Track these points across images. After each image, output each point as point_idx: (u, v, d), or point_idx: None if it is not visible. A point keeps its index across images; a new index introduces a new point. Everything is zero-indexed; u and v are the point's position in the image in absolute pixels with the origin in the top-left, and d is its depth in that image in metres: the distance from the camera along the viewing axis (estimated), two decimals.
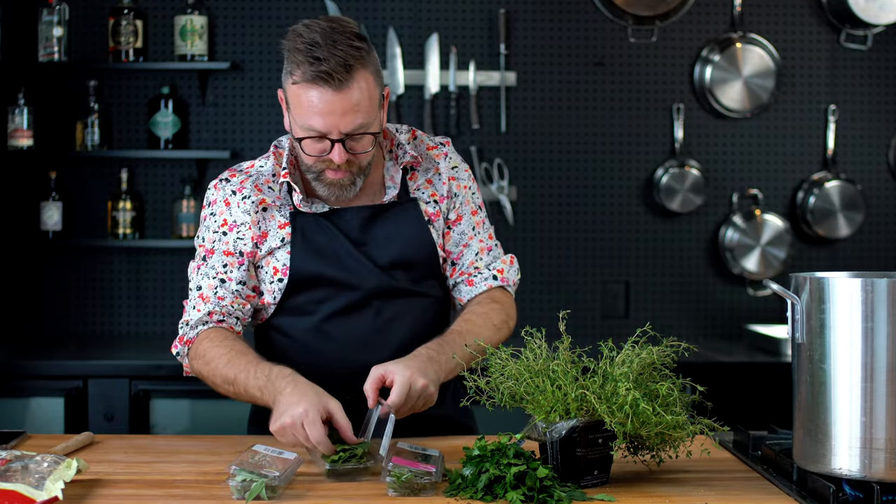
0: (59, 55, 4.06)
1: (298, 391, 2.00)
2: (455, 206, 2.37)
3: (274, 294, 2.27)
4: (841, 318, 1.76)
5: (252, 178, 2.29)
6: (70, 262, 4.20)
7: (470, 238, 2.37)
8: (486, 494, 1.76)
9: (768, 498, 1.81)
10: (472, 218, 2.38)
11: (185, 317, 2.27)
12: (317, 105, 2.10)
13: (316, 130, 2.12)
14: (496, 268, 2.38)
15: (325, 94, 2.09)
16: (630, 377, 1.82)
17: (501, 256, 2.41)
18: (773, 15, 4.28)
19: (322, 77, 2.08)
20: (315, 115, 2.11)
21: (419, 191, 2.34)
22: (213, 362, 2.17)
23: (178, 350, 2.26)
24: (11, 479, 1.71)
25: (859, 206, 4.24)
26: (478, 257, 2.37)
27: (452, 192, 2.36)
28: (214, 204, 2.30)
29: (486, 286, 2.36)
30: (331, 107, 2.10)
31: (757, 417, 2.86)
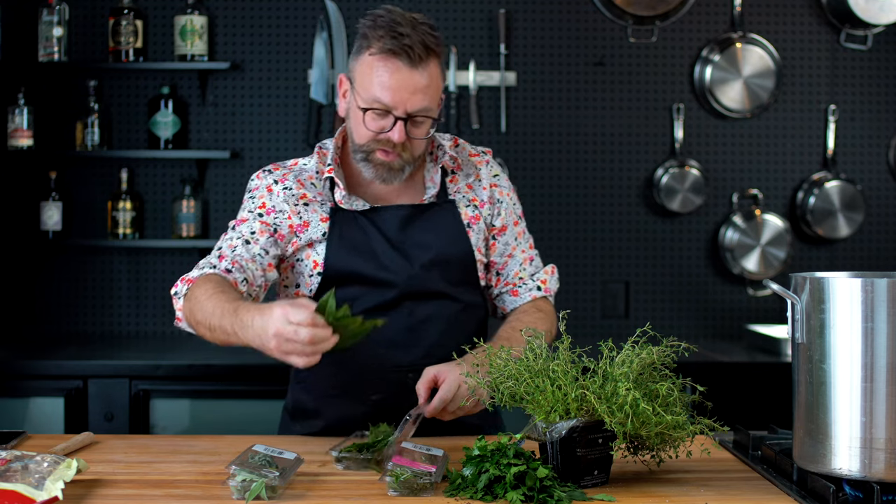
0: (59, 55, 4.06)
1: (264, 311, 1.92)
2: (499, 214, 2.39)
3: (311, 287, 2.28)
4: (841, 318, 1.76)
5: (294, 172, 2.31)
6: (70, 262, 4.21)
7: (514, 249, 2.40)
8: (486, 494, 1.76)
9: (768, 498, 1.81)
10: (515, 228, 2.41)
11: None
12: (389, 79, 2.13)
13: (382, 104, 2.15)
14: (539, 278, 2.41)
15: (400, 68, 2.13)
16: (630, 377, 1.82)
17: (543, 267, 2.44)
18: (773, 15, 4.28)
19: (403, 50, 2.12)
20: (385, 88, 2.13)
21: (459, 194, 2.36)
22: (199, 303, 2.08)
23: (176, 290, 2.17)
24: (11, 479, 1.71)
25: (859, 206, 4.24)
26: (522, 268, 2.40)
27: (495, 197, 2.39)
28: (256, 190, 2.31)
29: (530, 297, 2.39)
30: (403, 83, 2.13)
31: (757, 417, 2.86)
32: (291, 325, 1.84)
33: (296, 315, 1.84)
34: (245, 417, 3.61)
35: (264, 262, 2.22)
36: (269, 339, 1.87)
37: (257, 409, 3.62)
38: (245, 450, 1.87)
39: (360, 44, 2.19)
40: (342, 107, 2.27)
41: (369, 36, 2.16)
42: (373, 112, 2.16)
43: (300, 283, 2.30)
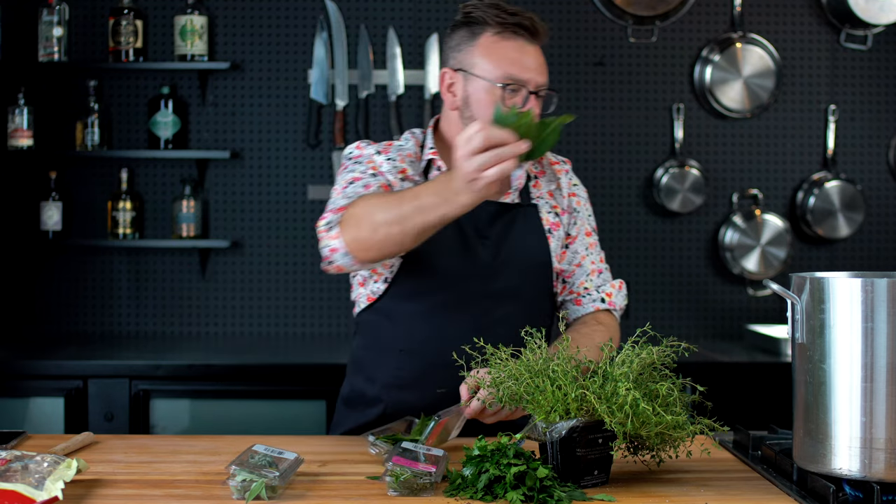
0: (59, 55, 4.06)
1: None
2: (574, 223, 2.41)
3: (391, 268, 2.28)
4: (841, 318, 1.76)
5: (395, 148, 2.34)
6: (70, 262, 4.21)
7: (583, 258, 2.41)
8: (486, 494, 1.76)
9: (768, 498, 1.81)
10: (586, 238, 2.43)
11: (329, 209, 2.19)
12: (517, 53, 2.22)
13: (515, 78, 2.21)
14: (605, 291, 2.41)
15: (523, 45, 2.23)
16: (630, 377, 1.82)
17: (611, 280, 2.44)
18: (773, 15, 4.28)
19: (523, 26, 2.22)
20: (515, 63, 2.21)
21: (542, 199, 2.39)
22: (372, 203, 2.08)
23: (328, 219, 2.14)
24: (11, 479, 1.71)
25: (859, 206, 4.24)
26: (588, 278, 2.41)
27: (573, 206, 2.41)
28: (360, 156, 2.31)
29: (593, 307, 2.40)
30: (528, 57, 2.23)
31: (757, 417, 2.86)
32: (467, 144, 1.87)
33: (466, 132, 1.88)
34: (245, 417, 3.61)
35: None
36: (459, 172, 1.90)
37: (257, 409, 3.63)
38: (245, 450, 1.87)
39: (472, 30, 2.26)
40: (451, 101, 2.31)
41: (481, 20, 2.24)
42: (507, 89, 2.22)
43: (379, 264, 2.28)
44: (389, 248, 2.08)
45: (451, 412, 2.07)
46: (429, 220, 2.02)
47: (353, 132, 4.21)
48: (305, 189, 4.23)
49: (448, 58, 2.32)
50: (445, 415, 2.07)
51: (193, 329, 4.23)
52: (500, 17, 2.22)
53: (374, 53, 4.20)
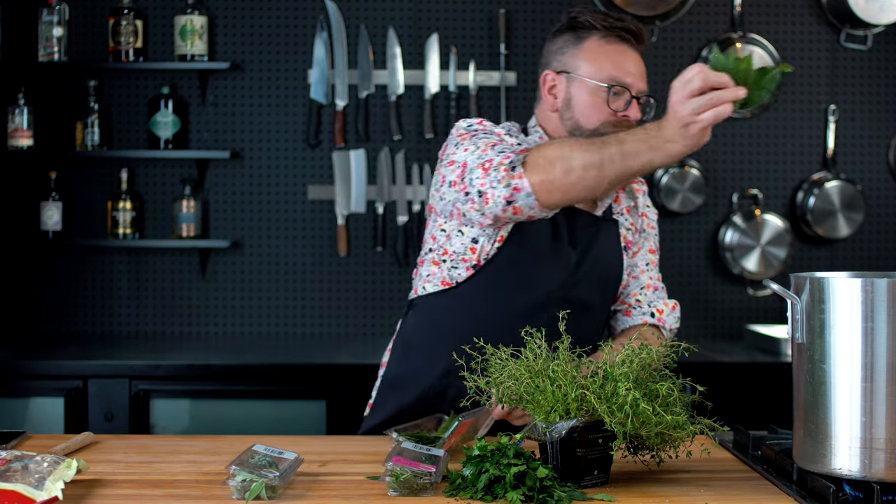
0: (59, 55, 4.06)
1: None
2: (638, 241, 2.44)
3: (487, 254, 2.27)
4: (841, 318, 1.76)
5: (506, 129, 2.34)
6: (70, 262, 4.21)
7: (641, 272, 2.44)
8: (486, 494, 1.76)
9: (768, 498, 1.81)
10: (648, 255, 2.46)
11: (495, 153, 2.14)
12: (623, 58, 2.27)
13: (619, 81, 2.26)
14: (656, 307, 2.43)
15: (628, 49, 2.28)
16: (630, 377, 1.82)
17: (665, 299, 2.47)
18: (773, 15, 4.28)
19: (629, 31, 2.26)
20: (623, 67, 2.26)
21: (621, 215, 2.41)
22: (568, 145, 2.07)
23: (511, 160, 2.10)
24: (11, 479, 1.71)
25: (859, 206, 4.24)
26: (642, 291, 2.43)
27: (643, 227, 2.45)
28: (485, 130, 2.27)
29: (641, 320, 2.42)
30: (632, 62, 2.29)
31: (757, 417, 2.86)
32: (685, 87, 1.90)
33: (684, 75, 1.91)
34: (245, 417, 3.61)
35: None
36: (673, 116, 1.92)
37: (257, 409, 3.63)
38: (245, 450, 1.87)
39: (577, 34, 2.30)
40: (552, 102, 2.34)
41: (588, 25, 2.28)
42: (611, 92, 2.25)
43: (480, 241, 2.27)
44: (579, 192, 2.06)
45: (479, 412, 2.07)
46: (632, 166, 2.00)
47: (353, 132, 4.21)
48: (305, 189, 4.23)
49: (550, 61, 2.36)
50: (472, 415, 2.07)
51: (193, 329, 4.23)
52: (607, 22, 2.28)
53: (374, 53, 4.20)
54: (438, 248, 2.36)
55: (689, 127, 1.92)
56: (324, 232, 4.24)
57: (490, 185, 2.11)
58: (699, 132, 1.93)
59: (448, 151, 2.28)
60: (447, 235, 2.33)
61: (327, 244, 4.24)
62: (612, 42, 2.29)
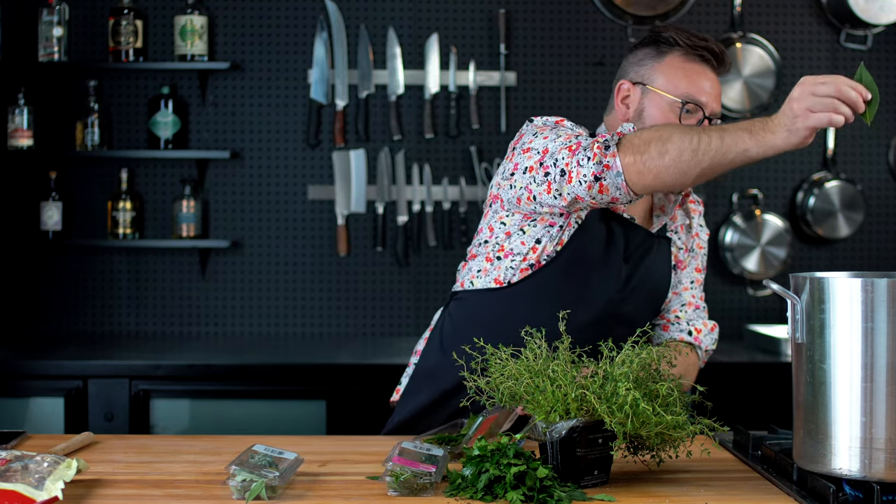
0: (59, 55, 4.06)
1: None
2: (686, 260, 2.44)
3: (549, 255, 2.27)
4: (841, 318, 1.75)
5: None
6: (70, 262, 4.21)
7: (684, 289, 2.44)
8: (486, 494, 1.76)
9: (768, 498, 1.81)
10: (694, 273, 2.46)
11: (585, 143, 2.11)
12: (703, 78, 2.26)
13: (695, 100, 2.25)
14: (695, 325, 2.43)
15: (709, 71, 2.28)
16: (630, 377, 1.82)
17: (704, 319, 2.46)
18: (773, 15, 4.28)
19: (711, 52, 2.26)
20: (700, 87, 2.25)
21: (675, 233, 2.41)
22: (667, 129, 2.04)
23: (605, 139, 2.06)
24: (11, 479, 1.71)
25: (859, 206, 4.24)
26: (683, 308, 2.43)
27: (693, 247, 2.45)
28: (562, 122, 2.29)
29: (678, 337, 2.42)
30: (709, 83, 2.28)
31: (757, 417, 2.86)
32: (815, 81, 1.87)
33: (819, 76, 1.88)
34: (245, 417, 3.61)
35: None
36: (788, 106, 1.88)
37: (257, 409, 3.63)
38: (245, 450, 1.87)
39: (659, 48, 2.30)
40: (623, 112, 2.35)
41: (672, 41, 2.28)
42: (685, 108, 2.25)
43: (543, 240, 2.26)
44: (671, 175, 2.01)
45: (498, 409, 2.06)
46: (728, 153, 1.96)
47: (353, 132, 4.21)
48: (305, 189, 4.23)
49: (627, 71, 2.38)
50: (494, 412, 2.06)
51: (193, 329, 4.23)
52: (691, 41, 2.28)
53: (374, 53, 4.20)
54: (495, 243, 2.32)
55: (798, 120, 1.88)
56: (324, 232, 4.24)
57: (577, 164, 2.07)
58: (805, 130, 1.88)
59: (524, 140, 2.24)
60: (507, 232, 2.30)
61: (327, 244, 4.24)
62: (692, 61, 2.29)
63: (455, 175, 4.22)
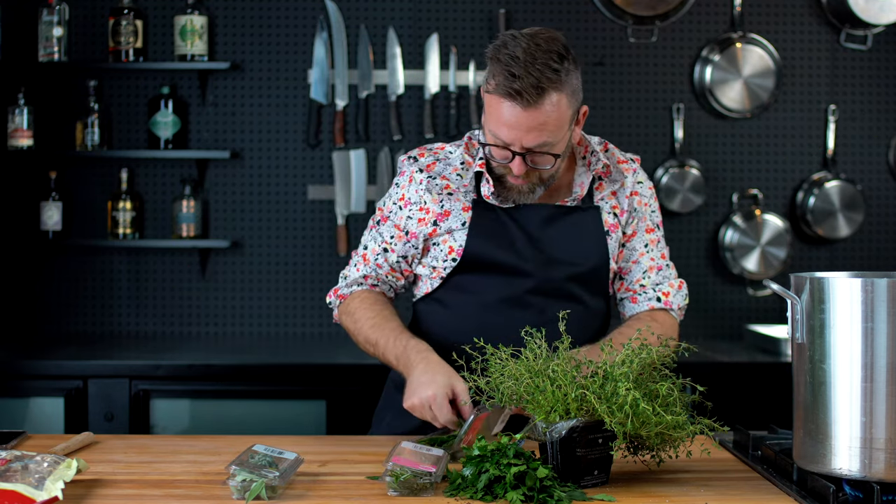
0: (59, 55, 4.06)
1: (430, 370, 2.14)
2: (632, 221, 2.41)
3: (444, 270, 2.36)
4: (841, 318, 1.76)
5: (441, 161, 2.38)
6: (70, 262, 4.21)
7: (640, 255, 2.41)
8: (486, 494, 1.76)
9: (768, 498, 1.81)
10: (646, 235, 2.42)
11: (346, 270, 2.48)
12: (505, 117, 2.17)
13: (501, 140, 2.20)
14: (662, 290, 2.41)
15: (514, 109, 2.15)
16: (630, 377, 1.82)
17: (671, 280, 2.43)
18: (773, 15, 4.28)
19: (512, 93, 2.14)
20: (502, 125, 2.18)
21: (603, 200, 2.39)
22: (360, 322, 2.37)
23: (330, 301, 2.48)
24: (11, 479, 1.71)
25: (859, 206, 4.24)
26: (646, 275, 2.41)
27: (633, 206, 2.41)
28: (402, 177, 2.41)
29: (648, 306, 2.41)
30: (517, 122, 2.16)
31: (757, 417, 2.86)
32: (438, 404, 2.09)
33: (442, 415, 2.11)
34: (245, 417, 3.61)
35: (402, 267, 2.42)
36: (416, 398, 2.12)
37: (257, 409, 3.63)
38: (245, 450, 1.87)
39: (487, 72, 2.21)
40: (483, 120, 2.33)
41: (490, 70, 2.19)
42: (495, 146, 2.22)
43: (434, 265, 2.37)
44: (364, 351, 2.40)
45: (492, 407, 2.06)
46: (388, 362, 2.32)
47: (353, 132, 4.21)
48: (305, 189, 4.23)
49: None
50: (484, 410, 2.06)
51: (193, 329, 4.23)
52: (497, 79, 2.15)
53: (374, 53, 4.20)
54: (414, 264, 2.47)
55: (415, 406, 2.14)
56: (324, 232, 4.24)
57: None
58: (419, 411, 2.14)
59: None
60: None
61: (327, 244, 4.24)
62: (500, 99, 2.15)
63: None
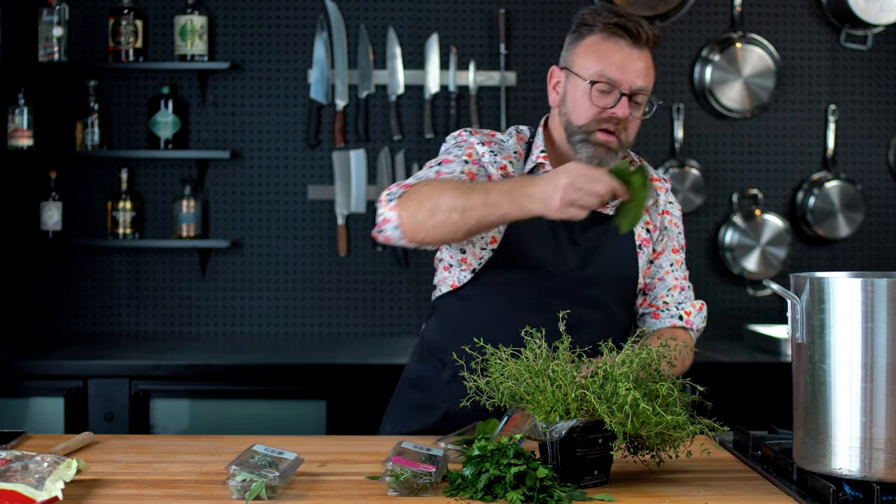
0: (59, 55, 4.06)
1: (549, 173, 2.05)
2: (662, 240, 2.43)
3: (478, 261, 2.31)
4: (841, 318, 1.76)
5: (496, 143, 2.37)
6: (70, 262, 4.21)
7: (666, 273, 2.43)
8: (486, 494, 1.76)
9: (768, 498, 1.81)
10: (672, 255, 2.45)
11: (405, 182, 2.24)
12: (615, 55, 2.24)
13: (608, 79, 2.24)
14: (684, 309, 2.43)
15: (624, 46, 2.24)
16: (630, 377, 1.82)
17: (692, 300, 2.46)
18: (773, 15, 4.28)
19: (626, 28, 2.24)
20: (611, 64, 2.24)
21: None
22: (440, 188, 2.13)
23: (392, 191, 2.19)
24: (11, 479, 1.71)
25: (859, 206, 4.24)
26: (669, 293, 2.43)
27: (664, 225, 2.43)
28: (462, 142, 2.34)
29: (669, 323, 2.42)
30: (627, 59, 2.24)
31: (757, 417, 2.86)
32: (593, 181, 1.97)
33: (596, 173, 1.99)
34: (245, 417, 3.61)
35: None
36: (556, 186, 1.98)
37: (257, 409, 3.63)
38: (245, 450, 1.87)
39: (580, 31, 2.29)
40: (553, 98, 2.36)
41: (589, 22, 2.27)
42: (598, 88, 2.24)
43: (467, 250, 2.33)
44: (442, 233, 2.13)
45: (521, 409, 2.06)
46: (491, 216, 2.08)
47: (353, 132, 4.21)
48: (305, 189, 4.23)
49: (560, 58, 2.37)
50: (515, 412, 2.06)
51: (193, 329, 4.23)
52: (606, 20, 2.26)
53: (374, 53, 4.20)
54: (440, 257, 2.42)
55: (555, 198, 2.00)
56: (324, 232, 4.24)
57: (377, 210, 2.22)
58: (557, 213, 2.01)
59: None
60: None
61: (327, 244, 4.24)
62: (608, 39, 2.26)
63: None
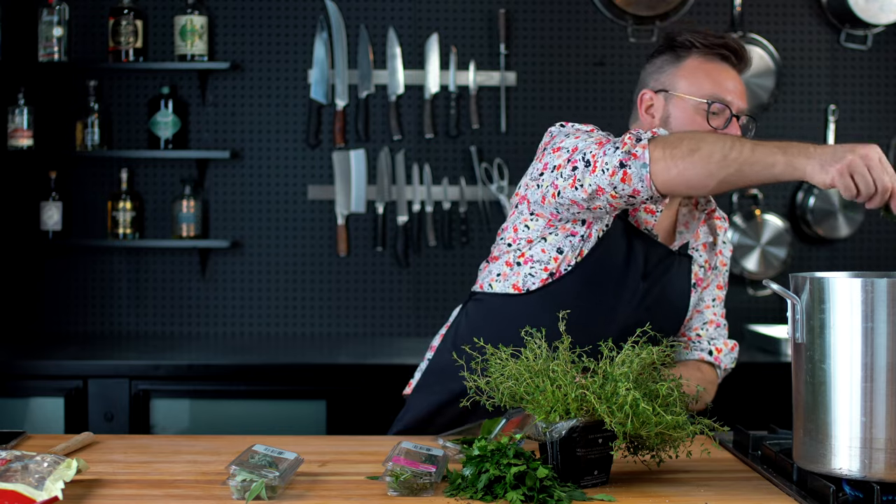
0: (59, 55, 4.06)
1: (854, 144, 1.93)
2: (709, 277, 2.43)
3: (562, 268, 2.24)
4: (841, 318, 1.75)
5: None
6: (70, 262, 4.21)
7: (706, 307, 2.43)
8: (486, 494, 1.76)
9: (768, 498, 1.81)
10: (716, 291, 2.45)
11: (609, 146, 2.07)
12: (724, 76, 2.25)
13: (721, 99, 2.24)
14: (715, 345, 2.43)
15: (729, 68, 2.27)
16: (630, 377, 1.82)
17: (725, 338, 2.46)
18: (773, 15, 4.28)
19: (731, 49, 2.25)
20: (723, 85, 2.24)
21: (696, 251, 2.38)
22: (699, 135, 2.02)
23: (639, 132, 2.06)
24: (11, 479, 1.70)
25: (859, 206, 4.23)
26: (704, 327, 2.43)
27: (717, 265, 2.43)
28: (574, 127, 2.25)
29: (698, 356, 2.42)
30: (733, 81, 2.27)
31: (757, 417, 2.86)
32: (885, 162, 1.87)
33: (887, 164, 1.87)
34: (245, 417, 3.61)
35: None
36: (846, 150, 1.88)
37: (257, 409, 3.63)
38: (245, 450, 1.87)
39: (677, 54, 2.29)
40: (649, 121, 2.30)
41: (688, 44, 2.27)
42: (711, 109, 2.24)
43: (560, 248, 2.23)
44: (696, 174, 1.96)
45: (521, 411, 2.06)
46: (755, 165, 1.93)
47: (353, 132, 4.21)
48: (305, 189, 4.23)
49: (647, 81, 2.33)
50: (516, 414, 2.06)
51: (193, 329, 4.23)
52: (707, 41, 2.26)
53: (374, 53, 4.20)
54: (517, 248, 2.30)
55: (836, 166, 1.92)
56: (324, 232, 4.24)
57: (603, 153, 2.04)
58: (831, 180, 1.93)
59: (555, 142, 2.22)
60: (528, 239, 2.27)
61: (327, 244, 4.24)
62: (712, 60, 2.27)
63: (455, 175, 4.22)
